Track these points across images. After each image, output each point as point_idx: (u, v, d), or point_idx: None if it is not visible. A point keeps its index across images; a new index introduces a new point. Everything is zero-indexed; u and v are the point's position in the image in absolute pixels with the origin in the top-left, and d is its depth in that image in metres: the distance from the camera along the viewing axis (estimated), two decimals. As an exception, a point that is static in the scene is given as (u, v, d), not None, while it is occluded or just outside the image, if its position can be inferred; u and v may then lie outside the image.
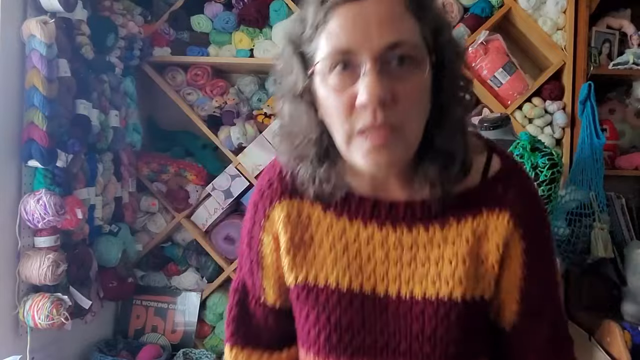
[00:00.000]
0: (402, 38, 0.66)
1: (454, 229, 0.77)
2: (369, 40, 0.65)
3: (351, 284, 0.79)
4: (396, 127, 0.67)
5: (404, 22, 0.67)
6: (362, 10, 0.66)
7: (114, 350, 2.19)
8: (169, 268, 2.45)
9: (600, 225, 2.01)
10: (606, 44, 2.31)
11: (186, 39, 2.41)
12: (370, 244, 0.79)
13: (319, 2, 0.69)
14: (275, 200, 0.84)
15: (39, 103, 1.65)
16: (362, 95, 0.65)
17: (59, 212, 1.65)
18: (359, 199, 0.79)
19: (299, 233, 0.82)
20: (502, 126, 1.82)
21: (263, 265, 0.87)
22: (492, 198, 0.77)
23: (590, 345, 1.95)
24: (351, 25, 0.66)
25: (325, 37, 0.68)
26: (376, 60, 0.65)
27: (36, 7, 1.72)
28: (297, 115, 0.75)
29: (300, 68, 0.72)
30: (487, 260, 0.77)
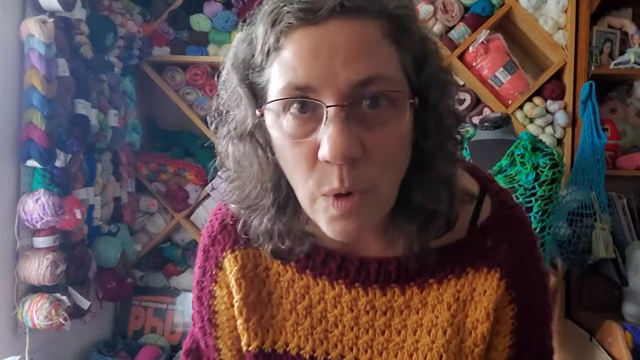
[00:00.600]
0: (377, 71, 0.52)
1: (435, 292, 0.65)
2: (334, 74, 0.51)
3: (315, 353, 0.68)
4: (368, 189, 0.54)
5: (381, 51, 0.53)
6: (326, 36, 0.51)
7: (113, 351, 2.18)
8: (168, 268, 2.44)
9: (601, 226, 2.00)
10: (607, 43, 2.31)
11: (185, 39, 2.40)
12: (338, 307, 0.67)
13: (270, 22, 0.54)
14: (228, 247, 0.71)
15: (38, 103, 1.64)
16: (324, 150, 0.51)
17: (57, 212, 1.64)
18: (325, 253, 0.67)
19: (255, 290, 0.70)
20: (502, 126, 1.81)
21: (217, 323, 0.74)
22: (480, 254, 0.65)
23: (591, 345, 1.95)
24: (310, 55, 0.51)
25: (278, 67, 0.54)
26: (343, 103, 0.51)
27: (35, 6, 1.71)
28: (247, 159, 0.60)
29: (250, 102, 0.58)
30: (476, 331, 0.65)
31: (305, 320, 0.69)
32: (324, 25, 0.51)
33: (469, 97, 2.28)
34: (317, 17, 0.51)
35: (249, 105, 0.58)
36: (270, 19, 0.54)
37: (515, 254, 0.66)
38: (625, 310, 2.08)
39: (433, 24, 2.28)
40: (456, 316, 0.66)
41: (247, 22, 0.59)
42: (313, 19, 0.51)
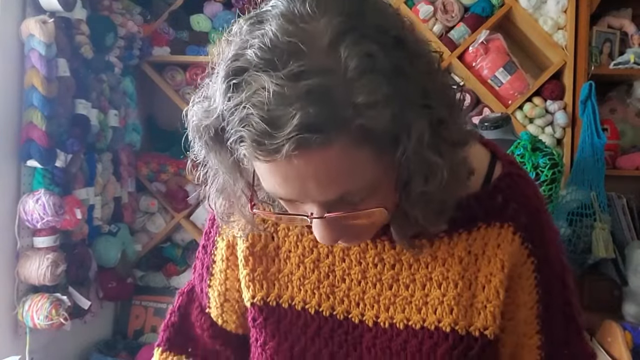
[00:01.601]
0: (349, 188, 0.52)
1: (445, 245, 0.65)
2: (310, 195, 0.53)
3: (320, 307, 0.68)
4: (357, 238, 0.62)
5: (350, 167, 0.51)
6: (293, 169, 0.50)
7: (113, 351, 2.18)
8: (168, 268, 2.44)
9: (601, 225, 2.00)
10: (607, 43, 2.31)
11: (185, 39, 2.40)
12: (346, 260, 0.67)
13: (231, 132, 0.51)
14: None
15: (38, 103, 1.64)
16: (315, 235, 0.57)
17: (58, 212, 1.64)
18: None
19: (263, 242, 0.71)
20: (502, 126, 1.81)
21: (212, 272, 0.77)
22: (492, 210, 0.65)
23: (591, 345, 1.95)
24: (283, 181, 0.52)
25: (257, 168, 0.55)
26: (323, 215, 0.54)
27: (35, 6, 1.71)
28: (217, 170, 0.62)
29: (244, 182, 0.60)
30: (489, 284, 0.64)
31: (312, 274, 0.68)
32: (287, 161, 0.49)
33: (468, 97, 2.28)
34: (278, 156, 0.48)
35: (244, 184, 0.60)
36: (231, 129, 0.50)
37: (526, 211, 0.66)
38: (625, 310, 2.08)
39: (433, 24, 2.28)
40: (468, 269, 0.65)
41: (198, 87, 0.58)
42: (274, 158, 0.49)
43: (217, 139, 0.55)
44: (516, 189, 0.66)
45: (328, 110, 0.47)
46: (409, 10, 2.28)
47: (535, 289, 0.67)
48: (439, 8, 2.26)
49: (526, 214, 0.66)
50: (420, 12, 2.26)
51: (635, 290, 2.04)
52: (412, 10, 2.27)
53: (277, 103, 0.47)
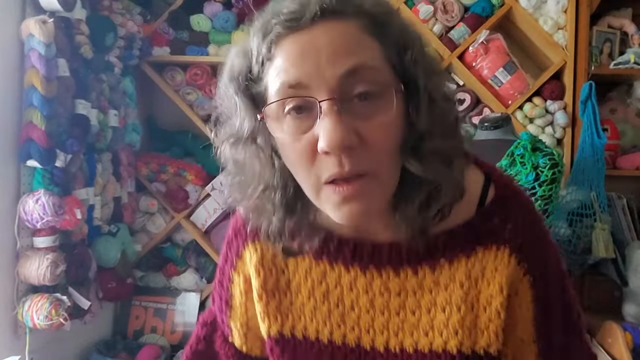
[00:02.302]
0: (360, 62, 0.56)
1: (446, 271, 0.68)
2: (322, 71, 0.56)
3: (332, 336, 0.71)
4: (368, 173, 0.58)
5: (361, 45, 0.58)
6: (311, 39, 0.57)
7: (113, 351, 2.18)
8: (168, 268, 2.44)
9: (601, 226, 2.00)
10: (607, 43, 2.31)
11: (185, 39, 2.40)
12: (354, 290, 0.70)
13: (261, 34, 0.59)
14: (250, 239, 0.76)
15: (38, 103, 1.64)
16: (322, 141, 0.56)
17: (57, 212, 1.64)
18: (338, 241, 0.70)
19: (274, 277, 0.74)
20: (502, 126, 1.81)
21: (232, 305, 0.80)
22: (488, 233, 0.68)
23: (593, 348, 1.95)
24: (299, 56, 0.57)
25: (272, 73, 0.59)
26: (334, 96, 0.56)
27: (35, 6, 1.71)
28: (247, 161, 0.65)
29: (248, 109, 0.62)
30: (490, 306, 0.67)
31: (323, 305, 0.72)
32: (308, 30, 0.57)
33: (469, 97, 2.28)
34: (301, 24, 0.57)
35: (247, 112, 0.62)
36: (261, 33, 0.60)
37: (521, 231, 0.69)
38: (625, 310, 2.08)
39: (433, 24, 2.28)
40: (469, 293, 0.67)
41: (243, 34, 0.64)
42: (297, 26, 0.57)
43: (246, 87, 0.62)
44: (510, 211, 0.69)
45: (346, 2, 0.58)
46: (409, 10, 2.28)
47: (533, 303, 0.70)
48: (439, 8, 2.26)
49: (521, 234, 0.68)
50: (420, 12, 2.26)
51: (636, 291, 2.04)
52: (412, 10, 2.27)
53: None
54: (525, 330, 0.71)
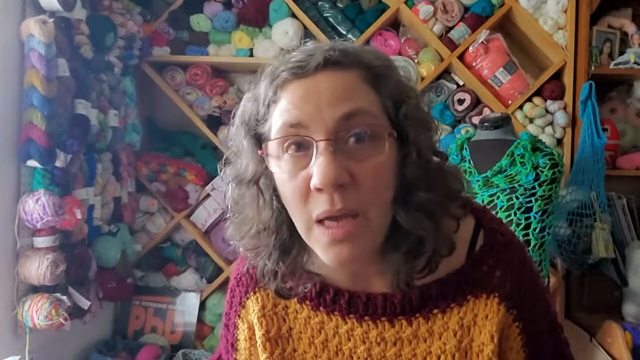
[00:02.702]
0: (357, 107, 0.61)
1: (440, 320, 0.71)
2: (320, 113, 0.60)
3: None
4: (358, 213, 0.60)
5: (359, 93, 0.62)
6: (314, 84, 0.62)
7: (113, 351, 2.18)
8: (168, 268, 2.44)
9: (601, 226, 2.00)
10: (607, 43, 2.31)
11: (185, 39, 2.40)
12: (351, 340, 0.73)
13: (269, 79, 0.65)
14: (251, 290, 0.79)
15: (38, 103, 1.64)
16: (316, 178, 0.59)
17: (57, 212, 1.64)
18: (334, 292, 0.73)
19: (276, 326, 0.77)
20: (502, 126, 1.81)
21: (237, 348, 0.84)
22: (477, 281, 0.71)
23: (592, 346, 1.95)
24: (302, 99, 0.61)
25: (276, 114, 0.63)
26: (330, 137, 0.59)
27: (35, 6, 1.71)
28: (247, 202, 0.69)
29: (253, 151, 0.66)
30: (482, 353, 0.70)
31: (323, 353, 0.75)
32: (312, 77, 0.62)
33: (469, 97, 2.28)
34: (306, 71, 0.62)
35: (252, 154, 0.66)
36: (269, 78, 0.65)
37: (510, 277, 0.71)
38: (625, 310, 2.08)
39: (433, 24, 2.28)
40: (462, 341, 0.70)
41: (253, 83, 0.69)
42: (302, 73, 0.62)
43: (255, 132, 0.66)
44: (499, 258, 0.72)
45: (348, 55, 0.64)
46: (409, 11, 2.28)
47: (522, 348, 0.73)
48: (439, 8, 2.26)
49: (510, 280, 0.71)
50: (420, 12, 2.26)
51: (635, 291, 2.04)
52: (412, 10, 2.27)
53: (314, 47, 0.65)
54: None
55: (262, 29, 2.37)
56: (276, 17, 2.33)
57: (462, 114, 2.29)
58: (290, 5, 2.31)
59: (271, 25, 2.35)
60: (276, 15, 2.33)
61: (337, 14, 2.32)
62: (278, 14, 2.32)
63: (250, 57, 2.36)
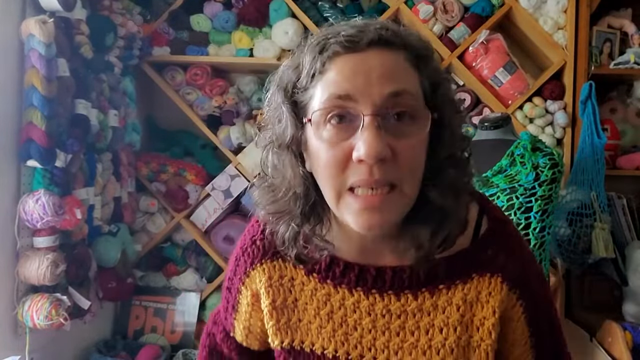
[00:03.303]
0: (403, 87, 0.64)
1: (444, 296, 0.74)
2: (370, 88, 0.63)
3: (337, 353, 0.77)
4: (394, 185, 0.64)
5: (406, 73, 0.66)
6: (364, 60, 0.64)
7: (113, 351, 2.18)
8: (168, 268, 2.44)
9: (601, 225, 2.00)
10: (607, 43, 2.31)
11: (185, 39, 2.40)
12: (357, 312, 0.76)
13: (317, 50, 0.66)
14: (257, 261, 0.82)
15: (38, 102, 1.64)
16: (361, 150, 0.62)
17: (57, 212, 1.64)
18: (344, 265, 0.76)
19: (282, 296, 0.80)
20: (502, 126, 1.81)
21: (238, 310, 0.88)
22: (482, 262, 0.75)
23: (592, 345, 1.95)
24: (352, 73, 0.64)
25: (322, 86, 0.65)
26: (376, 113, 0.63)
27: (35, 6, 1.71)
28: (282, 167, 0.71)
29: (291, 117, 0.68)
30: (483, 327, 0.74)
31: (327, 324, 0.77)
32: (363, 53, 0.64)
33: (469, 97, 2.28)
34: (358, 46, 0.64)
35: (291, 120, 0.68)
36: (317, 48, 0.66)
37: (512, 261, 0.76)
38: (625, 310, 2.09)
39: (433, 24, 2.28)
40: (465, 315, 0.74)
41: (293, 52, 0.72)
42: (354, 47, 0.64)
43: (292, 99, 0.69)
44: (503, 243, 0.77)
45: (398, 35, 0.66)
46: (409, 11, 2.28)
47: (527, 326, 0.78)
48: (439, 8, 2.26)
49: (513, 263, 0.76)
50: (420, 12, 2.26)
51: (635, 290, 2.04)
52: (412, 11, 2.27)
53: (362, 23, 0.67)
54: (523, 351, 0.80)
55: (262, 29, 2.37)
56: (276, 17, 2.33)
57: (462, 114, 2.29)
58: (290, 5, 2.31)
59: (271, 25, 2.35)
60: (276, 15, 2.33)
61: (337, 14, 2.33)
62: (278, 14, 2.32)
63: (250, 57, 2.36)
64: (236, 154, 2.37)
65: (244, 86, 2.45)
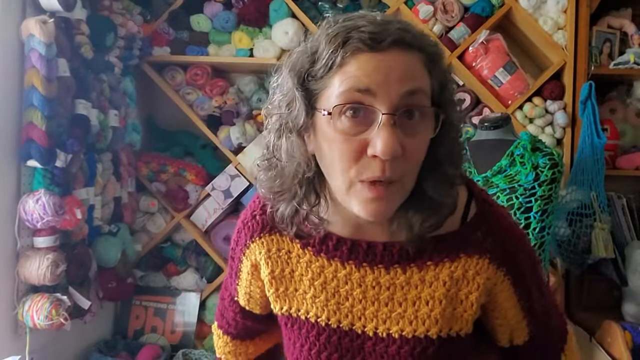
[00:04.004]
0: (418, 86, 0.68)
1: (432, 271, 0.79)
2: (388, 86, 0.66)
3: (329, 321, 0.82)
4: (398, 181, 0.69)
5: (420, 74, 0.70)
6: (385, 59, 0.67)
7: (113, 351, 2.18)
8: (169, 268, 2.44)
9: (601, 225, 2.00)
10: (607, 43, 2.31)
11: (186, 39, 2.40)
12: (349, 283, 0.81)
13: (337, 43, 0.68)
14: (256, 235, 0.87)
15: (38, 103, 1.64)
16: (377, 147, 0.66)
17: (58, 212, 1.64)
18: (337, 239, 0.81)
19: (280, 267, 0.85)
20: (502, 126, 1.81)
21: (239, 277, 0.94)
22: (471, 243, 0.79)
23: (591, 345, 1.95)
24: (373, 70, 0.67)
25: (340, 78, 0.68)
26: (392, 112, 0.66)
27: (35, 6, 1.71)
28: (293, 151, 0.74)
29: (303, 103, 0.71)
30: (467, 300, 0.79)
31: (321, 294, 0.82)
32: (385, 53, 0.67)
33: (468, 97, 2.28)
34: (381, 45, 0.67)
35: (303, 107, 0.71)
36: (339, 41, 0.68)
37: (500, 243, 0.80)
38: (624, 310, 2.09)
39: (433, 24, 2.29)
40: (451, 290, 0.79)
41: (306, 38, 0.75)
42: (376, 46, 0.67)
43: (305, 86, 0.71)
44: (491, 226, 0.81)
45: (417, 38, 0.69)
46: (409, 11, 2.28)
47: (517, 297, 0.83)
48: (439, 8, 2.27)
49: (500, 245, 0.80)
50: (420, 12, 2.26)
51: (635, 290, 2.04)
52: (412, 11, 2.28)
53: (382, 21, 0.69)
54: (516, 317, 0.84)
55: (262, 29, 2.37)
56: (276, 17, 2.33)
57: (462, 114, 2.29)
58: (290, 5, 2.31)
59: (271, 25, 2.35)
60: (276, 15, 2.33)
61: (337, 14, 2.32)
62: (278, 14, 2.32)
63: (250, 57, 2.36)
64: (236, 154, 2.37)
65: (244, 86, 2.45)
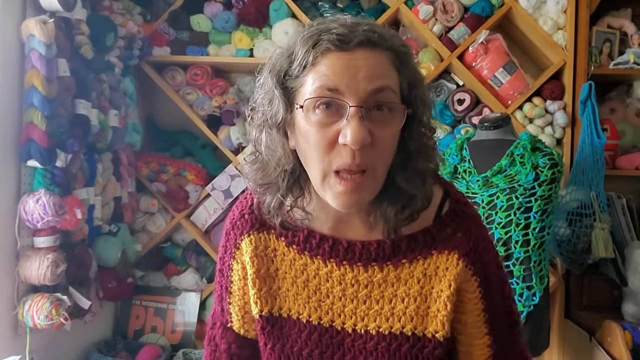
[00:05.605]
0: (385, 84, 0.73)
1: (407, 269, 0.83)
2: (356, 84, 0.71)
3: (310, 317, 0.86)
4: (369, 169, 0.73)
5: (388, 72, 0.74)
6: (353, 59, 0.72)
7: (114, 351, 2.18)
8: (169, 268, 2.44)
9: (600, 225, 2.00)
10: (607, 43, 2.31)
11: (186, 39, 2.40)
12: (329, 281, 0.85)
13: (310, 45, 0.74)
14: (246, 232, 0.90)
15: (38, 103, 1.65)
16: (348, 137, 0.71)
17: (58, 212, 1.64)
18: (319, 237, 0.85)
19: (265, 266, 0.88)
20: (502, 126, 1.82)
21: (231, 291, 0.94)
22: (441, 240, 0.84)
23: (591, 345, 1.95)
24: (341, 69, 0.72)
25: (312, 77, 0.73)
26: (360, 105, 0.71)
27: (35, 6, 1.72)
28: (274, 145, 0.79)
29: (282, 101, 0.76)
30: (440, 298, 0.82)
31: (303, 291, 0.86)
32: (352, 52, 0.73)
33: (468, 97, 2.28)
34: (348, 46, 0.72)
35: (282, 104, 0.76)
36: (311, 43, 0.73)
37: (468, 240, 0.85)
38: (624, 310, 2.09)
39: (433, 24, 2.29)
40: (424, 287, 0.83)
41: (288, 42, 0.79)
42: (344, 47, 0.72)
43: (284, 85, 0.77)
44: (461, 223, 0.85)
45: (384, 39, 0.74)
46: (409, 11, 2.28)
47: (480, 300, 0.86)
48: (438, 8, 2.27)
49: (468, 242, 0.84)
50: (420, 13, 2.26)
51: (635, 290, 2.04)
52: (412, 11, 2.28)
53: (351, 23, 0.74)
54: (476, 324, 0.87)
55: (262, 29, 2.37)
56: (276, 17, 2.33)
57: (461, 114, 2.30)
58: (290, 6, 2.31)
59: (271, 26, 2.35)
60: (276, 16, 2.33)
61: (337, 14, 2.32)
62: (278, 14, 2.33)
63: (250, 57, 2.36)
64: (236, 154, 2.37)
65: (244, 86, 2.46)
